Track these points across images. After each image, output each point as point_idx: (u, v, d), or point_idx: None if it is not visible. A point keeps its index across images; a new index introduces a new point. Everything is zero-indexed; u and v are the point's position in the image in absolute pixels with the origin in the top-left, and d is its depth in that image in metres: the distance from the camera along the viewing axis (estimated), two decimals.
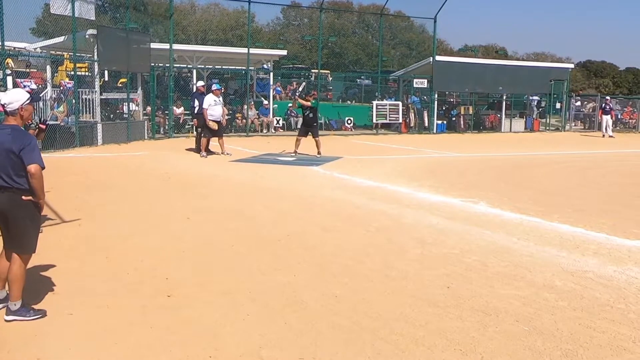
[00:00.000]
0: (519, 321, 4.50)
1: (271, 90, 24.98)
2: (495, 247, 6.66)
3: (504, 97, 28.22)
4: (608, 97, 29.90)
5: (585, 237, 7.21)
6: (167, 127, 20.72)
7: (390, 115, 25.51)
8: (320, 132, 16.62)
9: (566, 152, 19.36)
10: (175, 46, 21.79)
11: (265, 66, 26.15)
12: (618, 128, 29.04)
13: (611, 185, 12.08)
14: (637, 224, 8.01)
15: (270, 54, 26.64)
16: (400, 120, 25.78)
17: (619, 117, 31.85)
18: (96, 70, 17.13)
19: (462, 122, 27.07)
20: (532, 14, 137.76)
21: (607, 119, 26.89)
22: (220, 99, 15.43)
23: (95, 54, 16.88)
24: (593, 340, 4.18)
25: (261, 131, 23.48)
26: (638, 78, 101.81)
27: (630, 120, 32.67)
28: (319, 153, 15.27)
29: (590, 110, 31.92)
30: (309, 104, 15.49)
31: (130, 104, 18.80)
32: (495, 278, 5.55)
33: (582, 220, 8.14)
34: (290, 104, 23.25)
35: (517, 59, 70.11)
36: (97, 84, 17.09)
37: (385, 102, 26.13)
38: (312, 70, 35.23)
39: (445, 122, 26.91)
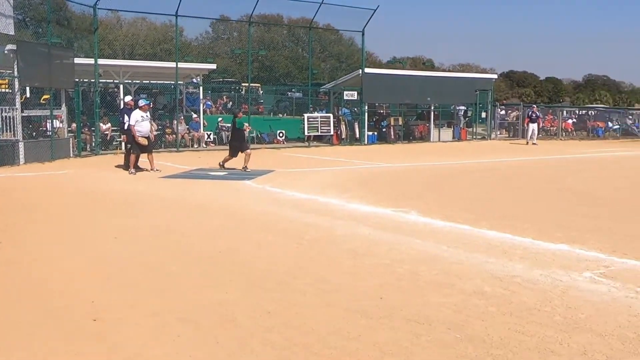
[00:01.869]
0: (450, 329, 4.54)
1: (201, 105, 24.72)
2: (426, 256, 6.75)
3: (432, 108, 28.89)
4: (535, 106, 31.05)
5: (512, 243, 7.40)
6: (93, 144, 20.14)
7: (322, 128, 25.67)
8: (252, 146, 16.53)
9: (493, 160, 19.94)
10: (101, 61, 21.29)
11: (194, 80, 25.88)
12: (540, 135, 30.12)
13: (536, 191, 12.50)
14: (560, 228, 8.28)
15: (199, 68, 26.39)
16: (332, 132, 25.97)
17: (540, 125, 33.13)
18: (17, 86, 16.49)
19: (392, 133, 27.52)
20: (458, 27, 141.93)
21: (533, 127, 27.91)
22: (148, 114, 15.14)
23: (16, 69, 16.26)
24: (522, 344, 4.26)
25: (192, 146, 23.17)
26: (557, 87, 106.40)
27: (552, 128, 34.03)
28: (246, 167, 15.09)
29: (514, 118, 33.06)
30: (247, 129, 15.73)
31: (54, 120, 18.18)
32: (426, 287, 5.60)
33: (508, 226, 8.36)
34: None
35: (444, 70, 72.14)
36: (18, 100, 16.44)
37: (316, 114, 26.29)
38: (243, 84, 35.08)
39: (376, 133, 27.29)
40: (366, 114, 26.79)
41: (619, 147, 27.96)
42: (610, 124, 38.56)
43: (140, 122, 14.51)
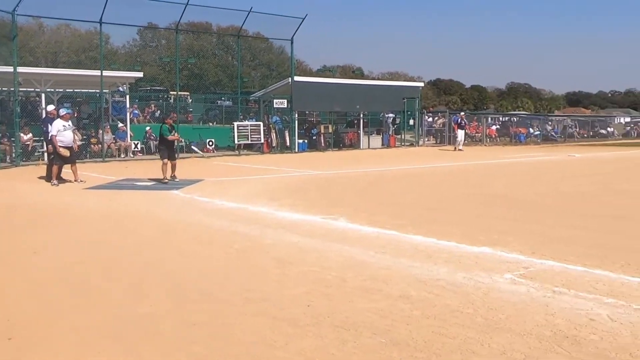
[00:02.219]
0: (376, 334, 4.59)
1: (128, 114, 24.18)
2: (353, 262, 6.81)
3: (362, 115, 29.27)
4: (463, 113, 31.95)
5: (437, 247, 7.57)
6: (13, 155, 19.37)
7: (252, 136, 25.58)
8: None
9: (421, 166, 20.36)
10: (21, 69, 20.50)
11: (120, 89, 25.28)
12: (466, 142, 30.97)
13: (461, 196, 12.82)
14: (483, 231, 8.53)
15: (125, 76, 25.79)
16: (262, 141, 25.92)
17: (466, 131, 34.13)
18: None
19: (322, 141, 27.73)
20: (387, 36, 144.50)
21: (461, 134, 28.70)
22: (70, 123, 14.69)
23: None
24: (445, 346, 4.35)
25: (118, 156, 22.62)
26: (482, 95, 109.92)
27: (477, 134, 35.08)
28: (174, 176, 14.79)
29: (441, 125, 33.91)
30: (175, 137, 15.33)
31: None
32: (353, 293, 5.66)
33: (434, 231, 8.55)
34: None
35: (373, 78, 73.20)
36: None
37: (246, 122, 26.19)
38: (171, 92, 34.56)
39: (306, 141, 27.42)
40: (296, 121, 26.88)
41: (539, 152, 29.08)
42: (531, 130, 40.11)
43: (62, 132, 14.06)
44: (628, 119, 58.48)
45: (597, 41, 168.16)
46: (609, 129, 49.40)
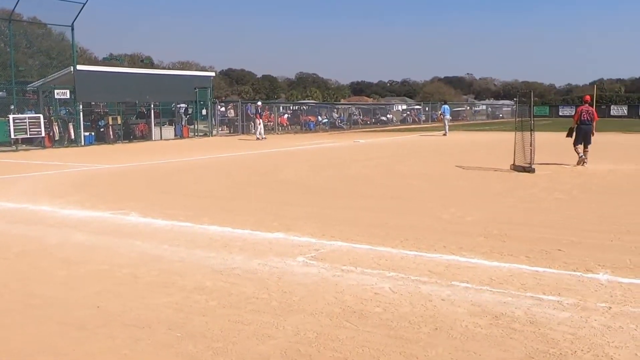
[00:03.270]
0: (171, 329, 4.48)
1: None
2: (146, 257, 6.59)
3: (152, 106, 28.39)
4: (260, 103, 32.33)
5: (232, 235, 7.60)
6: None
7: (31, 129, 23.60)
8: None
9: (214, 156, 20.30)
10: None
11: None
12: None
13: (255, 183, 12.99)
14: (277, 217, 8.73)
15: None
16: (43, 134, 24.01)
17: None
18: None
19: (111, 133, 26.46)
20: (177, 24, 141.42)
21: (260, 123, 29.01)
22: None
23: None
24: (241, 333, 4.38)
25: None
26: (273, 84, 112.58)
27: (269, 123, 35.85)
28: None
29: (234, 115, 34.11)
30: None
31: None
32: (146, 288, 5.47)
33: (228, 220, 8.58)
34: None
35: (164, 68, 71.37)
36: None
37: (24, 115, 24.06)
38: None
39: (93, 133, 25.95)
40: (81, 113, 25.28)
41: (328, 139, 30.53)
42: (320, 118, 41.97)
43: None
44: (405, 107, 63.76)
45: (376, 34, 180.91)
46: (388, 116, 53.40)
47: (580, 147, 15.26)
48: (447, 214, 9.07)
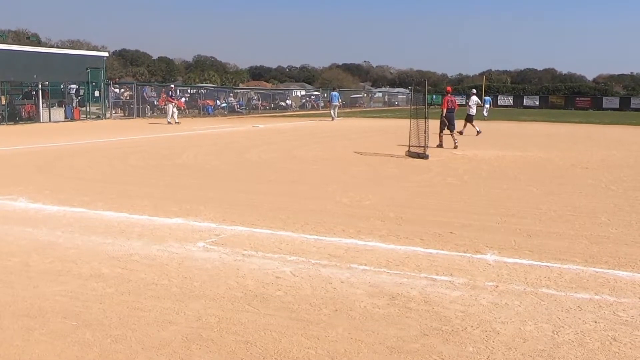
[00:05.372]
0: (66, 317, 4.34)
1: None
2: (38, 244, 6.31)
3: (40, 86, 26.97)
4: (173, 85, 31.42)
5: (129, 221, 7.41)
6: None
7: None
8: None
9: (109, 140, 19.61)
10: None
11: None
12: (155, 114, 30.68)
13: (152, 168, 12.69)
14: (175, 202, 8.59)
15: None
16: None
17: (155, 103, 33.79)
18: None
19: None
20: (67, 0, 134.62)
21: (172, 106, 28.04)
22: None
23: None
24: (141, 320, 4.31)
25: None
26: (170, 67, 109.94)
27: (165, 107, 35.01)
28: None
29: (128, 97, 33.02)
30: None
31: None
32: (39, 277, 5.24)
33: (125, 205, 8.36)
34: None
35: (52, 46, 67.83)
36: None
37: None
38: None
39: None
40: None
41: (227, 124, 30.25)
42: (219, 102, 41.45)
43: None
44: (304, 92, 64.16)
45: (275, 18, 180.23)
46: (287, 101, 53.54)
47: (445, 133, 16.52)
48: (346, 197, 9.27)
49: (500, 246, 6.43)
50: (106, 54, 35.10)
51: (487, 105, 32.66)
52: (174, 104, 28.10)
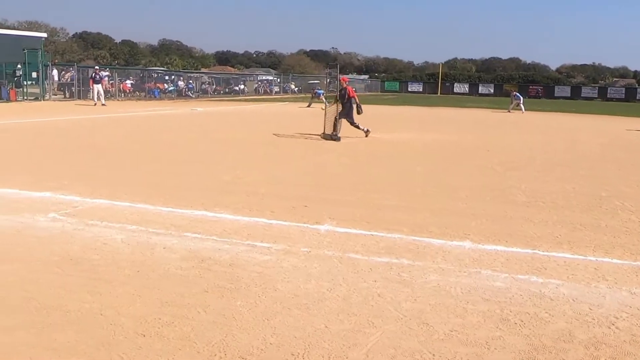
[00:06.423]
0: None
1: None
2: None
3: None
4: (97, 67, 31.15)
5: None
6: None
7: None
8: None
9: (30, 120, 19.56)
10: None
11: None
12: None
13: (61, 148, 12.76)
14: (56, 179, 8.72)
15: None
16: None
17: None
18: None
19: None
20: None
21: (98, 88, 27.94)
22: None
23: None
24: None
25: None
26: (134, 50, 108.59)
27: (111, 89, 34.76)
28: None
29: (69, 79, 32.70)
30: None
31: None
32: None
33: (4, 180, 8.49)
34: None
35: (7, 27, 66.39)
36: None
37: None
38: None
39: None
40: None
41: (168, 107, 30.23)
42: (167, 86, 41.25)
43: None
44: (265, 78, 63.88)
45: (245, 4, 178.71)
46: (241, 86, 53.43)
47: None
48: (231, 175, 9.54)
49: (343, 218, 6.74)
50: (45, 35, 34.59)
51: (519, 101, 32.93)
52: (96, 86, 28.00)
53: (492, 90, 76.46)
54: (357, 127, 15.27)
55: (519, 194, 8.56)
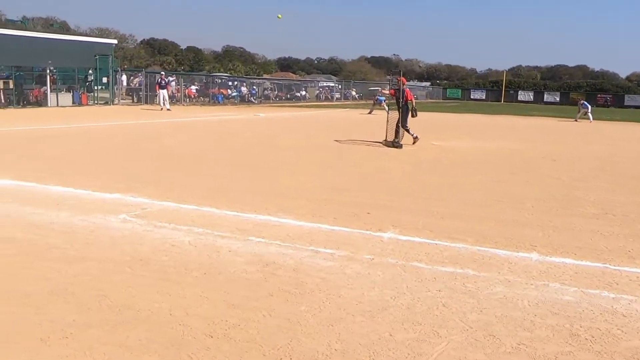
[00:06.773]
0: None
1: None
2: None
3: (49, 71, 27.73)
4: (163, 73, 32.01)
5: (69, 195, 7.83)
6: None
7: None
8: None
9: (100, 124, 20.19)
10: None
11: None
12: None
13: (127, 151, 13.17)
14: (124, 181, 9.01)
15: None
16: None
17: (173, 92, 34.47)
18: None
19: (2, 97, 25.71)
20: None
21: (163, 93, 28.72)
22: None
23: None
24: (18, 277, 4.73)
25: None
26: (198, 56, 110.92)
27: (177, 94, 35.63)
28: None
29: (137, 85, 33.69)
30: None
31: None
32: None
33: (76, 181, 8.81)
34: None
35: (80, 34, 69.01)
36: None
37: None
38: None
39: None
40: None
41: (232, 112, 30.72)
42: (230, 92, 41.99)
43: None
44: (326, 84, 64.30)
45: (309, 10, 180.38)
46: (302, 92, 53.89)
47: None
48: (293, 181, 9.63)
49: (405, 226, 6.71)
50: (115, 41, 35.76)
51: (587, 109, 32.31)
52: (161, 91, 28.62)
53: (557, 99, 74.74)
54: (407, 131, 15.11)
55: (587, 205, 8.33)
